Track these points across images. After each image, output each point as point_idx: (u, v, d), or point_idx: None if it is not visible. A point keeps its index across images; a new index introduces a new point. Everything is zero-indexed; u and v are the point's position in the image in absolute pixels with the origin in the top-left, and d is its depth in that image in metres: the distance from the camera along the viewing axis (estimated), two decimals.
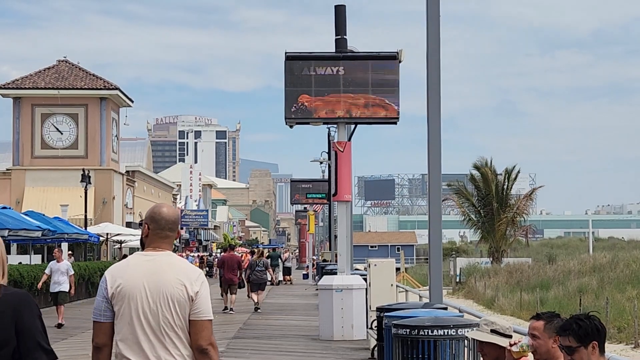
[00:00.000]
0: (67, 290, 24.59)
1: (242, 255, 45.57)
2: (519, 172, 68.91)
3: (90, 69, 57.64)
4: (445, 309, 10.70)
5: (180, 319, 5.20)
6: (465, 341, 8.02)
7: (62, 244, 44.31)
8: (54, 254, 25.54)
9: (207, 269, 65.11)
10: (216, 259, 79.51)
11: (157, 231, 5.41)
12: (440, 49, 11.96)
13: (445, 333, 7.92)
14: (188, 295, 5.21)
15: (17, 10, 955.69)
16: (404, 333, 8.06)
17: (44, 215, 37.85)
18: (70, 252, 47.46)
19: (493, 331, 6.04)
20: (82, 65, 58.10)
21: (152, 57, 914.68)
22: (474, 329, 6.62)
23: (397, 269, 28.61)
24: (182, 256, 53.79)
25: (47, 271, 25.10)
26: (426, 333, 7.95)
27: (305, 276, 59.45)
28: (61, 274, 24.48)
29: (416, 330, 8.00)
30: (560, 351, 5.59)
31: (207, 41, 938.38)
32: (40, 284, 25.84)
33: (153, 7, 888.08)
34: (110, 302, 5.26)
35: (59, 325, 23.48)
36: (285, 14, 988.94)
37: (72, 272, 24.92)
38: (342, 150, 19.96)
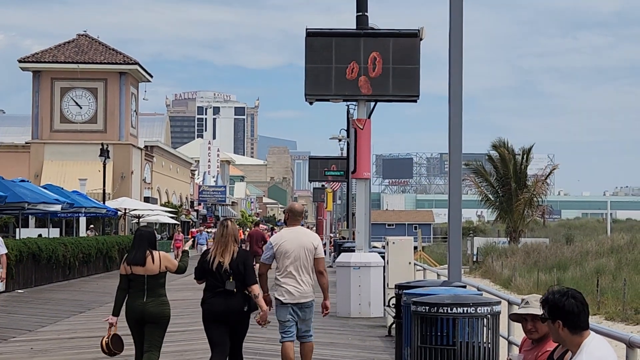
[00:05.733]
0: None
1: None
2: (529, 150, 68.04)
3: (112, 44, 57.76)
4: (464, 287, 10.68)
5: (310, 260, 10.48)
6: (485, 320, 8.01)
7: (80, 217, 44.54)
8: None
9: None
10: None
11: (293, 216, 10.77)
12: (463, 28, 11.88)
13: (465, 311, 7.90)
14: (313, 247, 10.50)
15: None
16: (423, 310, 8.06)
17: (62, 188, 38.05)
18: (92, 225, 47.70)
19: None
20: (106, 40, 58.24)
21: (174, 33, 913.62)
22: (521, 305, 6.60)
23: (415, 248, 28.56)
24: (200, 230, 54.12)
25: None
26: (445, 311, 7.94)
27: None
28: None
29: (435, 308, 7.99)
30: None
31: (229, 18, 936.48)
32: None
33: None
34: (274, 254, 10.45)
35: None
36: None
37: (5, 251, 18.75)
38: (361, 127, 19.88)
